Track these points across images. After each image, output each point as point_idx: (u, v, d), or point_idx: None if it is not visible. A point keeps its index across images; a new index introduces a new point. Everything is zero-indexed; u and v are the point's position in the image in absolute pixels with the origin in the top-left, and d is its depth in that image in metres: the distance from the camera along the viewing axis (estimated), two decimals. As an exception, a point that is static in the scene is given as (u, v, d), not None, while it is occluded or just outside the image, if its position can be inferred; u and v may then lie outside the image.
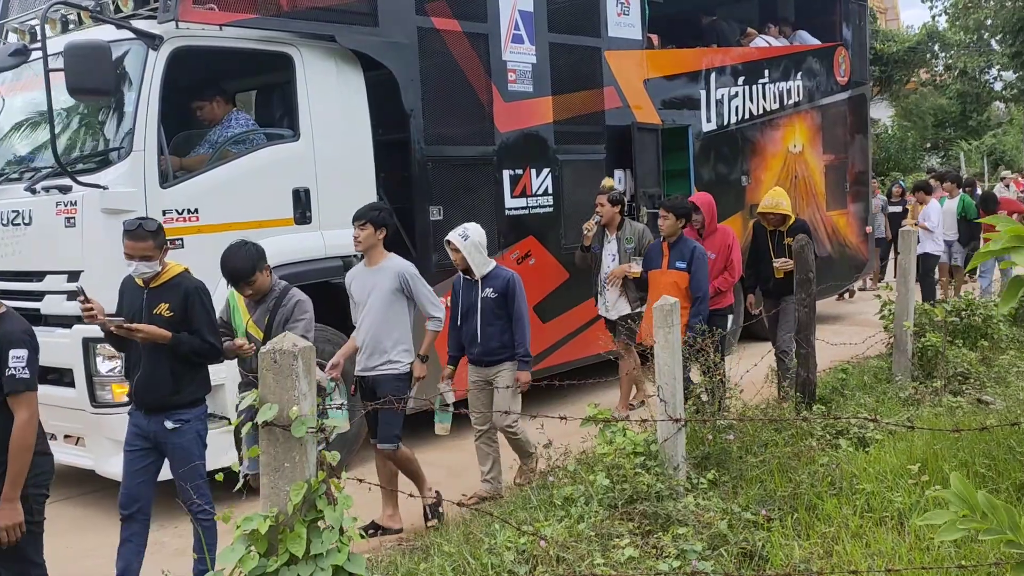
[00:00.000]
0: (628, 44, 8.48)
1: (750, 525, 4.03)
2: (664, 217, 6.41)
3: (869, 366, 7.58)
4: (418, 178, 6.71)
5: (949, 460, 4.62)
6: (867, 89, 12.27)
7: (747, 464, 4.76)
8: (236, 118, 5.96)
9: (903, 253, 7.44)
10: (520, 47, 7.43)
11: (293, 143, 6.05)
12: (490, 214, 7.23)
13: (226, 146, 5.83)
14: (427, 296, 5.08)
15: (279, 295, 4.55)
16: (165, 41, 5.40)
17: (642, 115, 8.62)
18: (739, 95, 9.91)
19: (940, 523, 2.37)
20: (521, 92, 7.45)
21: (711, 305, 6.57)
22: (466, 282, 5.47)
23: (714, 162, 9.64)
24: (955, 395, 6.29)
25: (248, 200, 5.76)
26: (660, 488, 4.16)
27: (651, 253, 6.62)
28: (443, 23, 6.83)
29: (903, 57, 27.12)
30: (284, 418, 2.53)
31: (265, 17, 5.80)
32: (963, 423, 5.07)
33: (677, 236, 6.42)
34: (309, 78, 6.08)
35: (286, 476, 2.57)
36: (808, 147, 11.00)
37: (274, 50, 5.95)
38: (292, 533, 2.55)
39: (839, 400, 6.34)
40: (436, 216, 6.81)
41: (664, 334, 4.51)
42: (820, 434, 5.25)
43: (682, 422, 4.49)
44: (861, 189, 12.12)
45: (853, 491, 4.37)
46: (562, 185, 7.82)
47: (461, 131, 7.03)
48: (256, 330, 4.54)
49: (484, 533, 4.16)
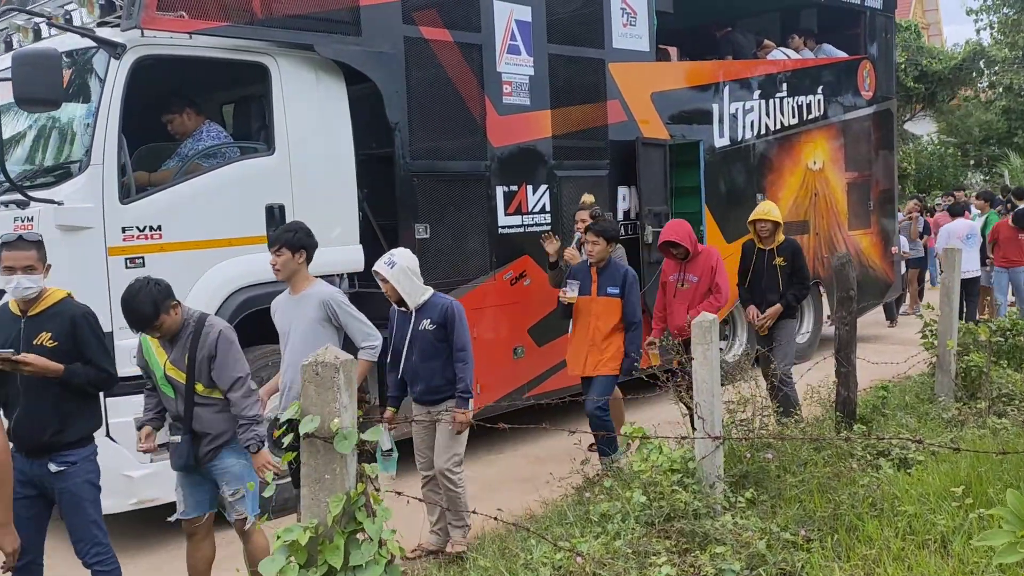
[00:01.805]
0: (634, 56, 8.13)
1: (789, 546, 3.99)
2: (594, 242, 5.92)
3: (911, 386, 7.42)
4: (403, 194, 6.40)
5: (993, 483, 4.52)
6: (893, 104, 11.78)
7: (786, 483, 4.70)
8: (208, 131, 5.70)
9: (946, 271, 7.30)
10: (516, 58, 7.11)
11: (267, 157, 5.77)
12: (482, 232, 6.90)
13: (196, 160, 5.57)
14: (358, 324, 4.63)
15: (194, 329, 4.01)
16: (128, 50, 5.14)
17: (648, 129, 8.24)
18: (755, 109, 9.50)
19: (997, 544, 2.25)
20: (517, 105, 7.12)
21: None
22: (401, 314, 4.93)
23: (727, 179, 9.24)
24: (1000, 416, 6.12)
25: (216, 217, 5.48)
26: (697, 506, 4.15)
27: (576, 277, 6.10)
28: (432, 33, 6.53)
29: (948, 75, 26.56)
30: (325, 430, 2.58)
31: (238, 25, 5.53)
32: (1009, 445, 5.11)
33: (607, 261, 6.00)
34: (286, 89, 5.81)
35: (326, 488, 2.62)
36: (829, 164, 10.54)
37: (248, 60, 5.68)
38: (331, 544, 2.60)
39: (880, 420, 6.21)
40: (423, 234, 6.49)
41: (703, 351, 4.51)
42: (861, 454, 5.17)
43: (720, 440, 4.46)
44: (886, 208, 11.62)
45: (895, 513, 4.31)
46: (561, 202, 7.47)
47: (451, 145, 6.72)
48: (177, 372, 4.03)
49: (520, 548, 4.20)
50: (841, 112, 10.71)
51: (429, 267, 6.55)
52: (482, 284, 6.89)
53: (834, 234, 10.62)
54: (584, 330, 5.98)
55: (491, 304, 6.96)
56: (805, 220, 10.19)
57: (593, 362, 5.95)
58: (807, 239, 10.20)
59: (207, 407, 4.03)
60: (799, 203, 10.10)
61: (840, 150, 10.72)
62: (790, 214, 9.96)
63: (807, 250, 10.19)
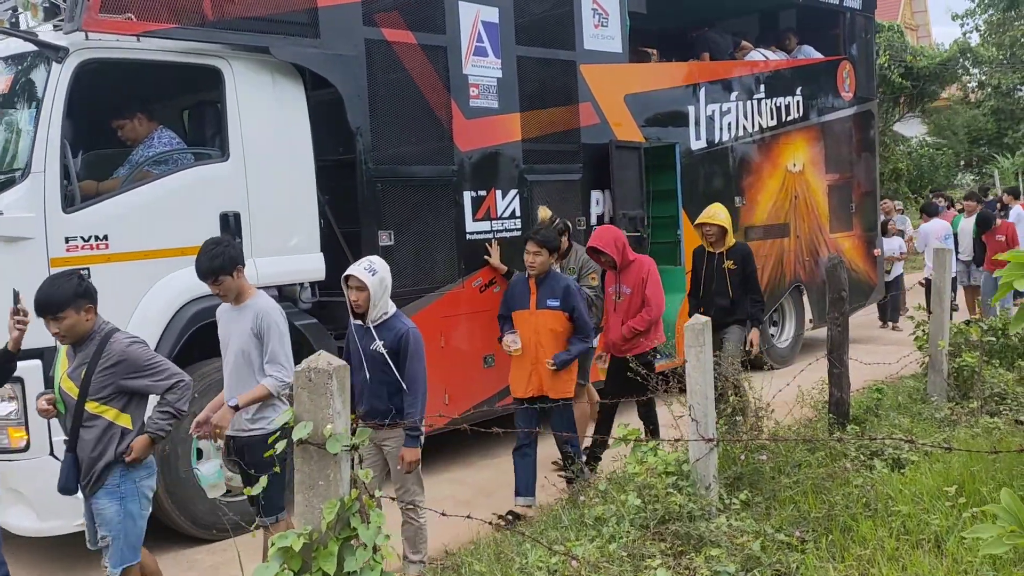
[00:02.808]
0: (606, 57, 7.97)
1: (784, 547, 4.01)
2: (536, 252, 5.50)
3: (903, 386, 7.43)
4: (366, 200, 6.22)
5: (987, 482, 4.56)
6: (874, 105, 11.67)
7: (780, 485, 4.73)
8: (159, 137, 5.51)
9: (937, 271, 7.28)
10: (484, 60, 6.94)
11: (221, 163, 5.58)
12: (449, 238, 6.73)
13: (145, 166, 5.39)
14: (277, 348, 4.23)
15: (98, 344, 3.75)
16: (71, 53, 4.95)
17: (622, 132, 8.08)
18: (732, 111, 9.36)
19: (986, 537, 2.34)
20: (485, 108, 6.95)
21: (626, 350, 5.96)
22: (358, 328, 4.57)
23: (704, 182, 9.08)
24: (992, 416, 6.16)
25: (167, 225, 5.28)
26: (692, 508, 4.16)
27: (515, 292, 5.68)
28: (395, 35, 6.36)
29: (934, 72, 26.59)
30: (319, 436, 2.58)
31: (188, 27, 5.35)
32: (1001, 445, 5.15)
33: (547, 273, 5.61)
34: (240, 93, 5.62)
35: (320, 494, 2.62)
36: (810, 166, 10.41)
37: (200, 63, 5.50)
38: (325, 551, 2.59)
39: (873, 420, 6.23)
40: (387, 241, 6.31)
41: (696, 353, 4.50)
42: (854, 455, 5.20)
43: (714, 442, 4.46)
44: (868, 210, 11.49)
45: (889, 513, 4.34)
46: (532, 207, 7.30)
47: (415, 150, 6.54)
48: (71, 385, 3.77)
49: (515, 552, 4.21)
50: (821, 113, 10.59)
51: (395, 275, 6.32)
52: (450, 292, 6.71)
53: (815, 237, 10.48)
54: (525, 347, 5.52)
55: (460, 312, 6.78)
56: (785, 223, 10.05)
57: (537, 382, 5.49)
58: (788, 242, 10.07)
59: (91, 428, 3.77)
60: (779, 206, 9.96)
61: (820, 152, 10.59)
62: (770, 217, 9.83)
63: (788, 253, 10.07)
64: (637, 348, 5.97)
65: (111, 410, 3.78)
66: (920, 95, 27.35)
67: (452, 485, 6.37)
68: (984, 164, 29.98)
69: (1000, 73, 28.48)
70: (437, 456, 6.99)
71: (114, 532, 3.79)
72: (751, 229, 9.56)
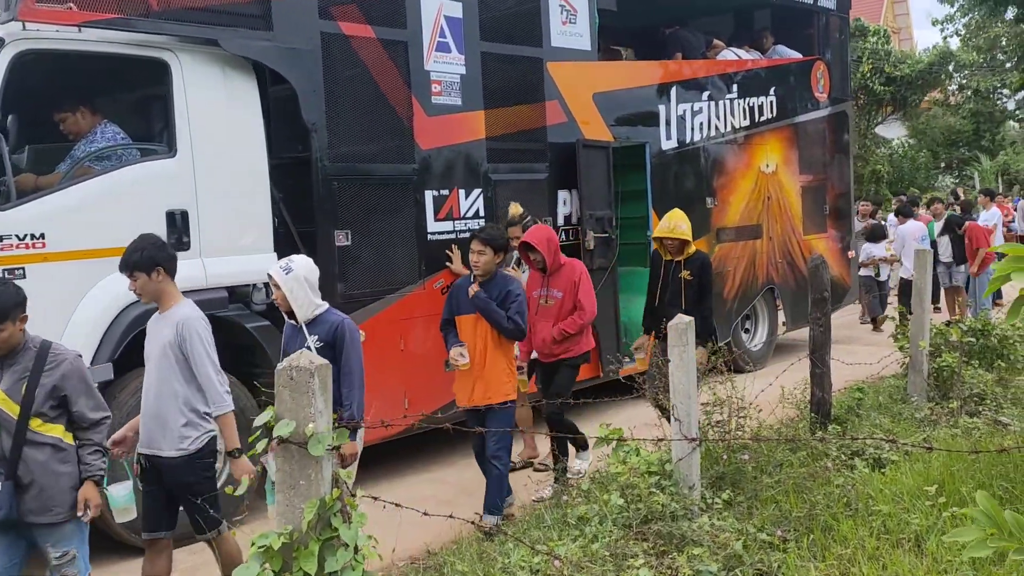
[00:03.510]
0: (574, 55, 7.82)
1: (765, 546, 4.04)
2: (480, 252, 5.20)
3: (884, 386, 7.47)
4: (321, 199, 6.03)
5: (966, 482, 4.60)
6: (848, 106, 11.59)
7: (762, 484, 4.75)
8: (103, 131, 5.31)
9: (918, 273, 7.33)
10: (446, 56, 6.77)
11: (168, 159, 5.39)
12: (409, 238, 6.55)
13: (87, 162, 5.18)
14: (205, 365, 3.92)
15: (37, 355, 3.51)
16: (7, 44, 4.75)
17: (590, 131, 7.93)
18: (704, 111, 9.23)
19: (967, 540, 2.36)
20: (447, 105, 6.78)
21: (558, 353, 5.77)
22: (291, 327, 4.48)
23: (675, 182, 8.94)
24: (972, 416, 6.20)
25: (109, 224, 5.07)
26: (675, 508, 4.17)
27: (460, 295, 5.37)
28: (352, 28, 6.17)
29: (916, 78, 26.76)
30: (300, 435, 2.56)
31: (131, 17, 5.15)
32: (981, 444, 5.20)
33: (493, 274, 5.31)
34: (189, 87, 5.43)
35: (301, 493, 2.60)
36: (783, 167, 10.30)
37: (146, 55, 5.30)
38: (306, 551, 2.56)
39: (855, 420, 6.24)
40: (343, 241, 6.13)
41: (679, 352, 4.50)
42: (836, 455, 5.22)
43: (697, 441, 4.45)
44: (842, 212, 11.40)
45: (869, 512, 4.36)
46: (496, 206, 7.13)
47: (374, 148, 6.36)
48: (8, 403, 3.49)
49: (498, 552, 4.21)
50: (794, 114, 10.48)
51: (352, 276, 6.21)
52: (411, 293, 6.54)
53: (788, 238, 10.38)
54: (469, 354, 5.25)
55: (421, 314, 6.60)
56: (758, 224, 9.93)
57: (482, 391, 5.23)
58: (760, 244, 9.95)
59: (39, 448, 3.52)
60: (751, 207, 9.84)
61: (794, 153, 10.48)
62: (742, 218, 9.71)
63: (761, 255, 9.96)
64: (567, 352, 5.79)
65: (58, 427, 3.56)
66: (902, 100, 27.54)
67: (433, 484, 6.32)
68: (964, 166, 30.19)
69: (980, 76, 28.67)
70: (418, 455, 6.91)
71: (76, 543, 3.63)
72: (723, 230, 9.44)
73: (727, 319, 9.39)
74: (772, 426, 5.60)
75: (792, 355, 6.61)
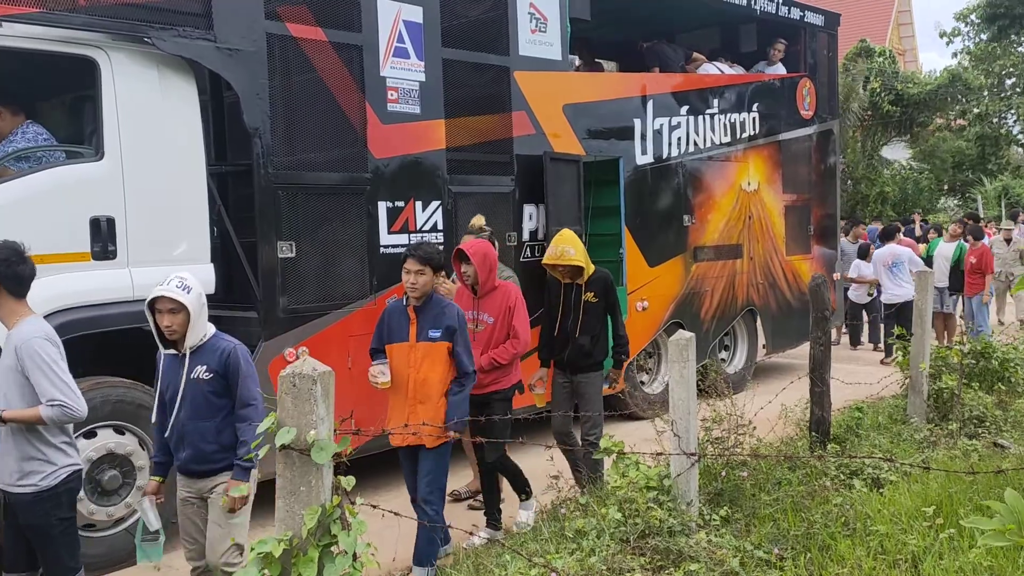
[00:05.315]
0: (543, 64, 7.53)
1: (762, 564, 4.06)
2: (419, 271, 4.63)
3: (884, 407, 7.50)
4: (263, 208, 5.73)
5: (964, 503, 4.63)
6: (836, 125, 11.29)
7: (760, 502, 4.77)
8: (24, 131, 5.02)
9: (919, 294, 7.31)
10: (404, 62, 6.49)
11: (94, 163, 5.09)
12: (360, 251, 6.24)
13: (5, 163, 4.89)
14: (42, 380, 3.54)
15: None
16: (-84, 36, 4.47)
17: (560, 144, 7.64)
18: (682, 125, 8.94)
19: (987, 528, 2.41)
20: (404, 113, 6.49)
21: (487, 384, 5.25)
22: (170, 359, 3.92)
23: (650, 199, 8.64)
24: (971, 438, 6.23)
25: (27, 229, 4.65)
26: (672, 523, 4.18)
27: (391, 322, 4.81)
28: (301, 30, 5.89)
29: (924, 99, 26.67)
30: (302, 442, 2.59)
31: (55, 12, 4.87)
32: (979, 466, 5.21)
33: (429, 297, 4.78)
34: (119, 87, 5.14)
35: (301, 500, 2.63)
36: (765, 185, 10.00)
37: (73, 52, 5.01)
38: (305, 557, 2.59)
39: (853, 440, 6.25)
40: (287, 252, 5.82)
41: (679, 369, 4.51)
42: (834, 474, 5.25)
43: (696, 457, 4.45)
44: (827, 232, 11.10)
45: (867, 532, 4.37)
46: (456, 220, 6.83)
47: (322, 156, 6.07)
48: None
49: (495, 564, 4.21)
50: (778, 131, 10.19)
51: (297, 290, 5.90)
52: (361, 309, 6.22)
53: (770, 259, 10.07)
54: (402, 387, 4.70)
55: (371, 331, 6.26)
56: (738, 244, 9.63)
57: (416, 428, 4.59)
58: (740, 263, 9.64)
59: None
60: (732, 225, 9.54)
61: (777, 171, 10.19)
62: (722, 237, 9.41)
63: (741, 275, 9.65)
64: (497, 384, 5.29)
65: None
66: (909, 121, 27.46)
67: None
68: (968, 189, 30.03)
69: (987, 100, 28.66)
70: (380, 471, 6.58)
71: None
72: (701, 249, 9.14)
73: (704, 341, 9.07)
74: (771, 444, 5.59)
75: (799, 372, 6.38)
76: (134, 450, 5.23)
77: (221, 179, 6.25)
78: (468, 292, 5.41)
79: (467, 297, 5.40)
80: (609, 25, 9.30)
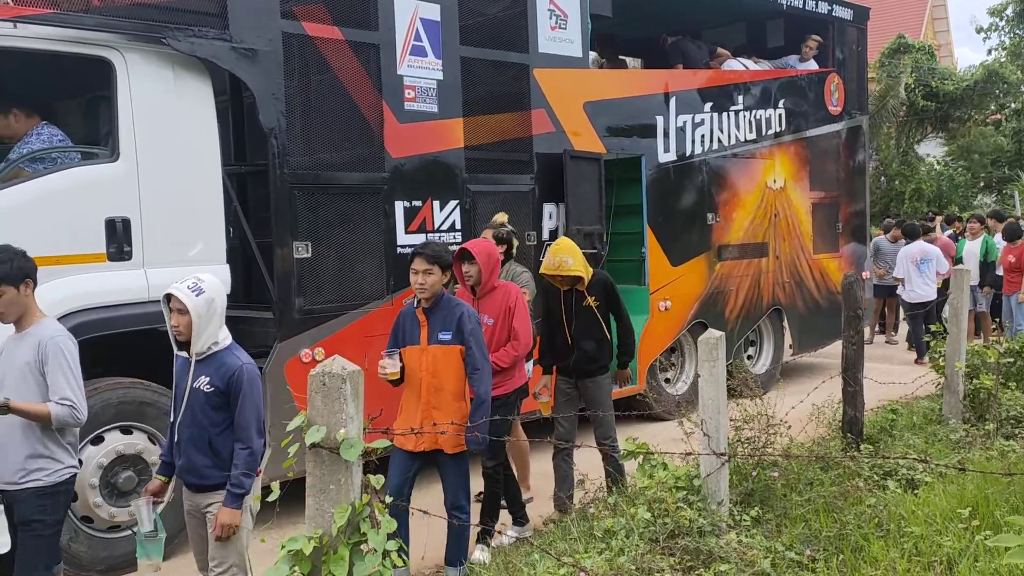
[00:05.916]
0: (564, 62, 7.45)
1: (794, 565, 4.03)
2: (427, 271, 4.50)
3: (918, 407, 7.43)
4: (279, 208, 5.71)
5: (1000, 505, 4.57)
6: (864, 121, 11.07)
7: (791, 502, 4.72)
8: (39, 133, 5.03)
9: (955, 292, 7.22)
10: (422, 61, 6.44)
11: (110, 164, 5.09)
12: (377, 251, 6.20)
13: (20, 164, 4.90)
14: (59, 379, 3.55)
15: None
16: (-68, 39, 4.50)
17: (581, 142, 7.56)
18: (706, 123, 8.81)
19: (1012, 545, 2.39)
20: (422, 112, 6.44)
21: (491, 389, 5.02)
22: (182, 361, 3.78)
23: (673, 197, 8.53)
24: (1008, 439, 6.13)
25: (43, 230, 4.77)
26: (702, 523, 4.14)
27: (405, 324, 4.69)
28: (318, 29, 5.86)
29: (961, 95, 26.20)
30: (331, 440, 2.61)
31: (71, 12, 4.88)
32: (1016, 468, 5.15)
33: (439, 297, 4.65)
34: (135, 88, 5.14)
35: (331, 498, 2.66)
36: (792, 183, 9.84)
37: (88, 53, 5.01)
38: (335, 555, 2.62)
39: (887, 440, 6.19)
40: (303, 253, 5.80)
41: (709, 368, 4.47)
42: (867, 474, 5.18)
43: (726, 457, 4.40)
44: (856, 230, 10.90)
45: (901, 534, 4.33)
46: (475, 219, 6.77)
47: (339, 155, 6.04)
48: None
49: (524, 563, 4.21)
50: (805, 128, 10.02)
51: (311, 290, 5.88)
52: (377, 309, 6.18)
53: (797, 257, 9.91)
54: (415, 391, 4.58)
55: (388, 332, 6.23)
56: (764, 242, 9.48)
57: (431, 436, 4.48)
58: (766, 262, 9.49)
59: None
60: (757, 224, 9.39)
61: (804, 168, 10.02)
62: (747, 235, 9.27)
63: (766, 274, 9.50)
64: (498, 388, 5.08)
65: None
66: (944, 117, 27.02)
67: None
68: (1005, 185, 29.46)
69: (1023, 96, 28.16)
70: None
71: None
72: (725, 248, 9.00)
73: (729, 340, 8.92)
74: (803, 444, 5.54)
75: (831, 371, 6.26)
76: (145, 447, 5.21)
77: (239, 179, 6.25)
78: (468, 293, 5.28)
79: (466, 298, 5.23)
80: (633, 22, 9.18)
